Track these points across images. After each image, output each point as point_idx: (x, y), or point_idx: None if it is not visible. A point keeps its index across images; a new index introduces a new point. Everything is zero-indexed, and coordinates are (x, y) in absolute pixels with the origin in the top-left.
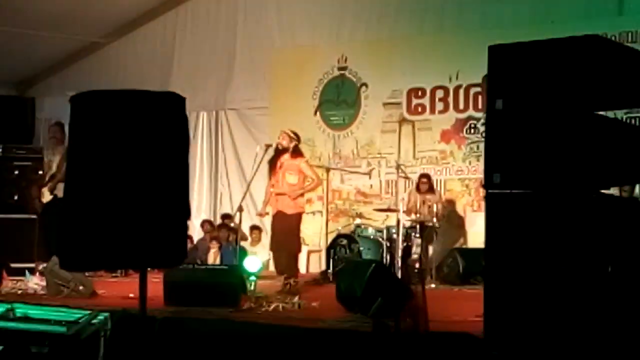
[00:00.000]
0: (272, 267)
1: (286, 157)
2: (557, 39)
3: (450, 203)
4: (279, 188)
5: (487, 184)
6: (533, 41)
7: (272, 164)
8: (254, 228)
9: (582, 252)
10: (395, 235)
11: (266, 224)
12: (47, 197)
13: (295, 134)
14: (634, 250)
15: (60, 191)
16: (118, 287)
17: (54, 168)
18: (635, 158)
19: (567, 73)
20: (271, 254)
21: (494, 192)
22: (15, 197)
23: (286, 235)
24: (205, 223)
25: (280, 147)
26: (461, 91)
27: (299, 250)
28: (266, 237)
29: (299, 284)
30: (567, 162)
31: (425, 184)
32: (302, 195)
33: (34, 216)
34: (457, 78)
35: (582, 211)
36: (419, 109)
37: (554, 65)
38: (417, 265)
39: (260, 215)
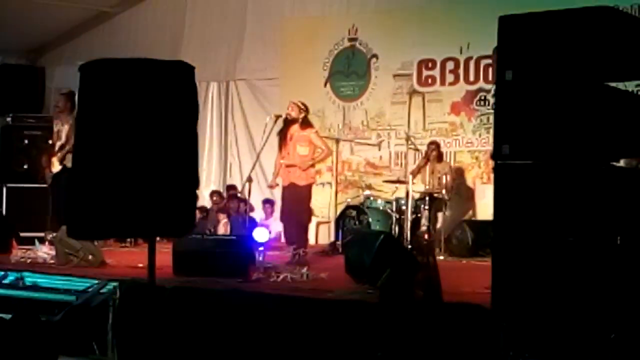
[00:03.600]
0: (283, 239)
1: (296, 128)
2: (568, 9)
3: (460, 175)
4: (290, 159)
5: (496, 155)
6: (543, 12)
7: (282, 135)
8: (266, 202)
9: (591, 223)
10: (404, 207)
11: (277, 196)
12: (56, 167)
13: (304, 104)
14: None
15: (69, 161)
16: (127, 257)
17: (63, 138)
18: None
19: (577, 44)
20: (282, 225)
21: (503, 163)
22: (25, 166)
23: (296, 206)
24: (214, 194)
25: (289, 117)
26: (472, 63)
27: (309, 221)
28: (278, 210)
29: (308, 254)
30: (576, 133)
31: (434, 151)
32: (312, 166)
33: (44, 185)
34: (467, 49)
35: (591, 182)
36: (429, 81)
37: (564, 36)
38: (425, 237)
39: (271, 187)
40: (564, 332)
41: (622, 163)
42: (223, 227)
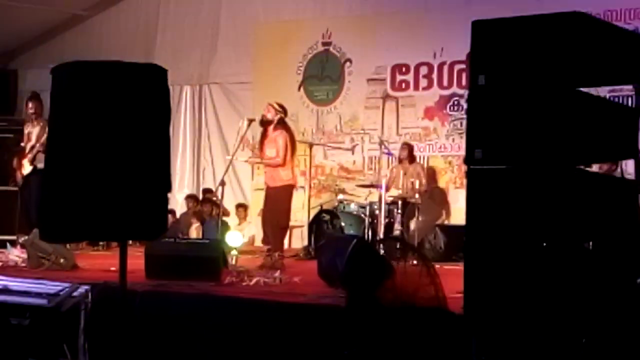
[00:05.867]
0: (257, 242)
1: (271, 129)
2: (540, 15)
3: (433, 180)
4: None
5: (469, 159)
6: (516, 17)
7: (261, 137)
8: (240, 206)
9: (562, 228)
10: (377, 211)
11: (250, 200)
12: (27, 168)
13: (281, 106)
14: (613, 227)
15: (40, 162)
16: (99, 261)
17: (34, 139)
18: (616, 135)
19: (549, 49)
20: (256, 228)
21: (475, 168)
22: None
23: (271, 208)
24: (189, 198)
25: (264, 119)
26: (445, 68)
27: (285, 224)
28: (251, 214)
29: (283, 258)
30: (548, 138)
31: (405, 150)
32: (268, 166)
33: (14, 188)
34: (441, 55)
35: (563, 187)
36: (403, 85)
37: (536, 41)
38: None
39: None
40: (536, 337)
41: (594, 169)
42: (195, 231)
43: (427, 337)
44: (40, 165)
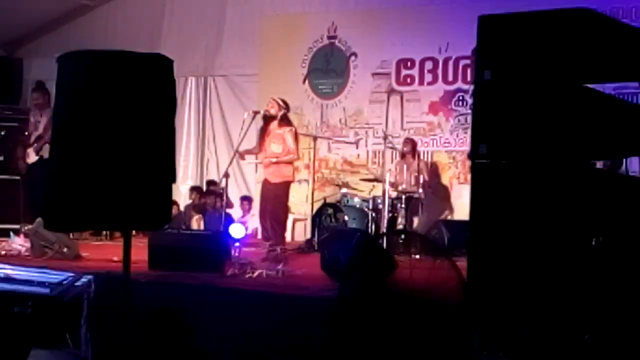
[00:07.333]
0: (259, 235)
1: (274, 125)
2: (547, 10)
3: (436, 175)
4: (264, 156)
5: (474, 154)
6: (523, 12)
7: (261, 132)
8: (244, 198)
9: (566, 224)
10: (380, 206)
11: (254, 192)
12: (32, 158)
13: (284, 102)
14: (619, 223)
15: (46, 152)
16: (103, 251)
17: (41, 129)
18: (622, 132)
19: (556, 45)
20: (259, 221)
21: (480, 163)
22: (1, 158)
23: (271, 203)
24: (194, 190)
25: (267, 114)
26: (450, 63)
27: (285, 218)
28: (256, 207)
29: (286, 252)
30: (553, 134)
31: (408, 145)
32: (277, 163)
33: (17, 177)
34: (446, 50)
35: (568, 183)
36: (408, 80)
37: (543, 37)
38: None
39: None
40: (539, 332)
41: (598, 165)
42: (196, 223)
43: (430, 331)
44: (47, 156)
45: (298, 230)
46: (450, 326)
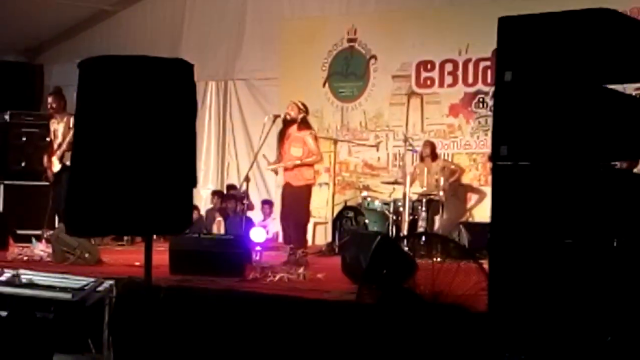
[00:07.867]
0: (280, 239)
1: (294, 128)
2: (567, 11)
3: (457, 177)
4: (285, 160)
5: (495, 155)
6: (543, 13)
7: (281, 135)
8: (265, 202)
9: (588, 225)
10: (401, 208)
11: (274, 196)
12: (57, 166)
13: (304, 105)
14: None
15: (68, 159)
16: (124, 256)
17: (60, 137)
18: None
19: (576, 46)
20: (280, 224)
21: (501, 164)
22: (23, 164)
23: (293, 206)
24: (215, 194)
25: (288, 117)
26: (470, 65)
27: (306, 222)
28: (277, 210)
29: (307, 255)
30: (574, 135)
31: (427, 147)
32: (299, 166)
33: (41, 183)
34: (466, 52)
35: (590, 184)
36: (428, 82)
37: (564, 37)
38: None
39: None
40: (561, 334)
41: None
42: (216, 227)
43: (452, 334)
44: (69, 163)
45: (319, 233)
46: (472, 328)
